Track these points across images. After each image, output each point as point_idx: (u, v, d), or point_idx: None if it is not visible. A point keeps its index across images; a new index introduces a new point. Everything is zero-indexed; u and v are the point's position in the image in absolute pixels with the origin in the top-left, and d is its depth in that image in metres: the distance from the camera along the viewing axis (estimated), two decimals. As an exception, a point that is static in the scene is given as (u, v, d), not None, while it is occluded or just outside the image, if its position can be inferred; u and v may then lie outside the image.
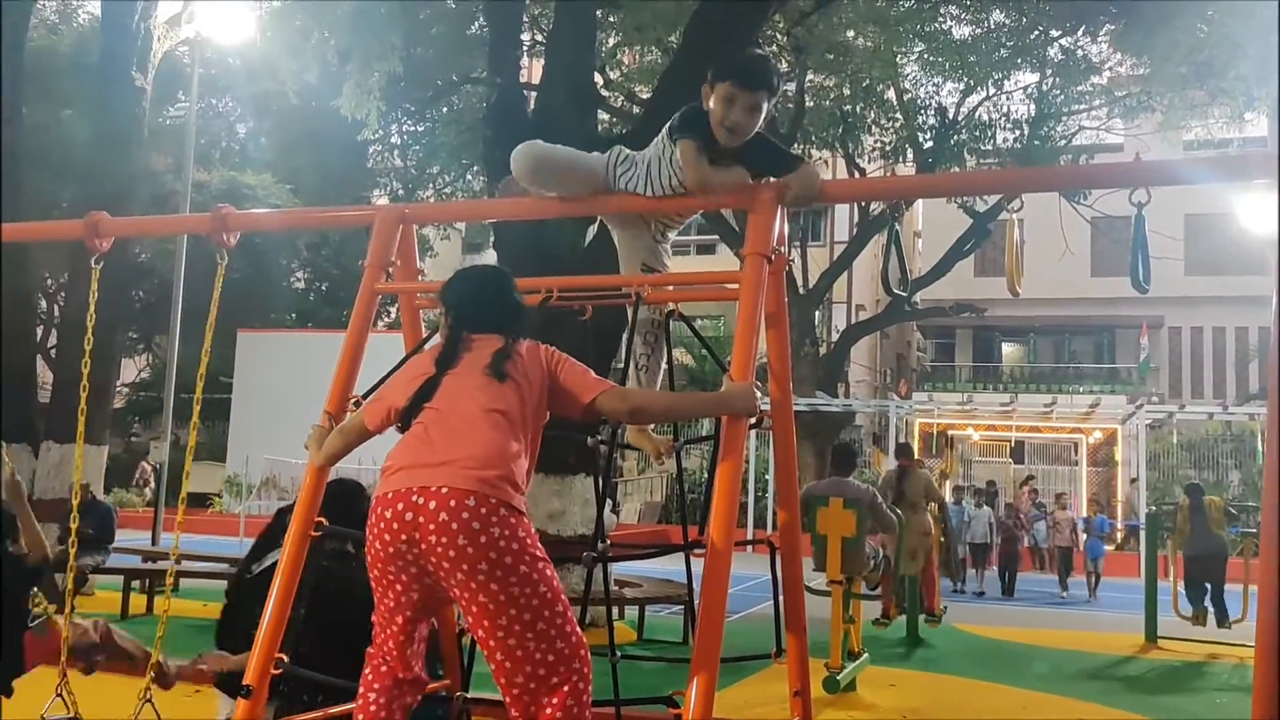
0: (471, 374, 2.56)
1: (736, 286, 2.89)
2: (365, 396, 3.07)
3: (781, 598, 3.16)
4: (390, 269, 3.23)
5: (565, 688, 2.35)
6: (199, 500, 26.09)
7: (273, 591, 2.82)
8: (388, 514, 2.38)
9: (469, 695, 3.47)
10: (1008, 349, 36.20)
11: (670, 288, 3.17)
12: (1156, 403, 24.94)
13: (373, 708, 2.48)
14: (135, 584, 10.75)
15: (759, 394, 2.68)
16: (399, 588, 2.45)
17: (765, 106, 2.95)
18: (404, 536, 2.36)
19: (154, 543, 14.49)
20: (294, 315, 32.21)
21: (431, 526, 2.32)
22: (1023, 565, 16.16)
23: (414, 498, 2.35)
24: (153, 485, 23.51)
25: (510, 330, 2.68)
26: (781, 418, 3.19)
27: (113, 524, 11.03)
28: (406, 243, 3.31)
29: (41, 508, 11.63)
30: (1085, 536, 16.04)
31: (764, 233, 2.84)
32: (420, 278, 3.45)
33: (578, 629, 2.44)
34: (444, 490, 2.34)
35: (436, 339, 2.83)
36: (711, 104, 2.95)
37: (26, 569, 4.36)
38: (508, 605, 2.32)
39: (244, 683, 2.71)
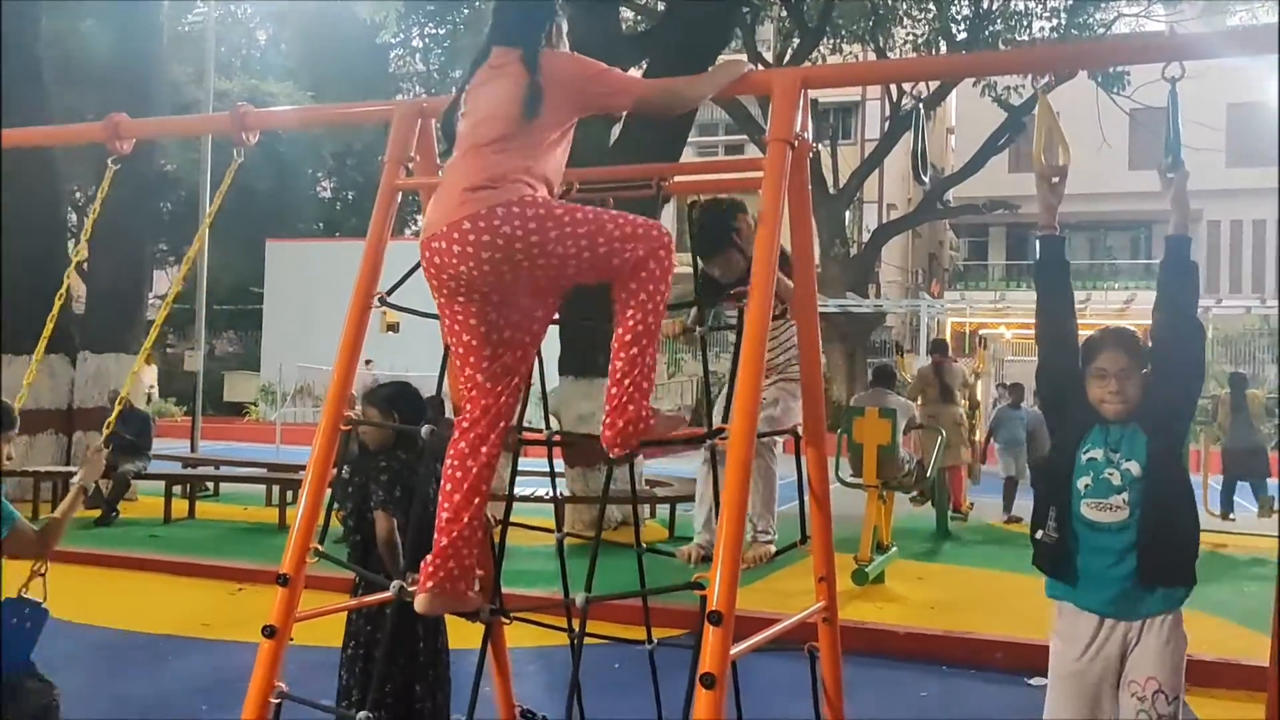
0: (479, 96, 2.73)
1: (760, 175, 2.83)
2: (389, 293, 3.08)
3: (806, 486, 3.18)
4: (410, 165, 3.20)
5: (644, 255, 2.59)
6: (235, 409, 26.56)
7: (305, 483, 2.87)
8: (425, 262, 2.64)
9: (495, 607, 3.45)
10: (1043, 246, 35.71)
11: (692, 177, 3.12)
12: (1193, 298, 24.50)
13: (456, 465, 2.73)
14: (176, 489, 11.00)
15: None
16: (469, 322, 2.67)
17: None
18: (445, 275, 2.61)
19: (193, 450, 14.77)
20: (321, 225, 32.27)
21: (454, 260, 2.56)
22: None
23: (434, 243, 2.60)
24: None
25: (524, 40, 2.73)
26: (805, 308, 3.16)
27: (151, 431, 11.24)
28: (426, 138, 3.26)
29: (81, 416, 11.98)
30: None
31: (786, 118, 2.77)
32: (440, 174, 3.41)
33: (638, 220, 2.63)
34: (445, 228, 2.57)
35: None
36: None
37: None
38: (565, 262, 2.56)
39: (281, 572, 2.77)
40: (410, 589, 2.82)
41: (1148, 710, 2.84)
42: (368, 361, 17.45)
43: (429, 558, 2.71)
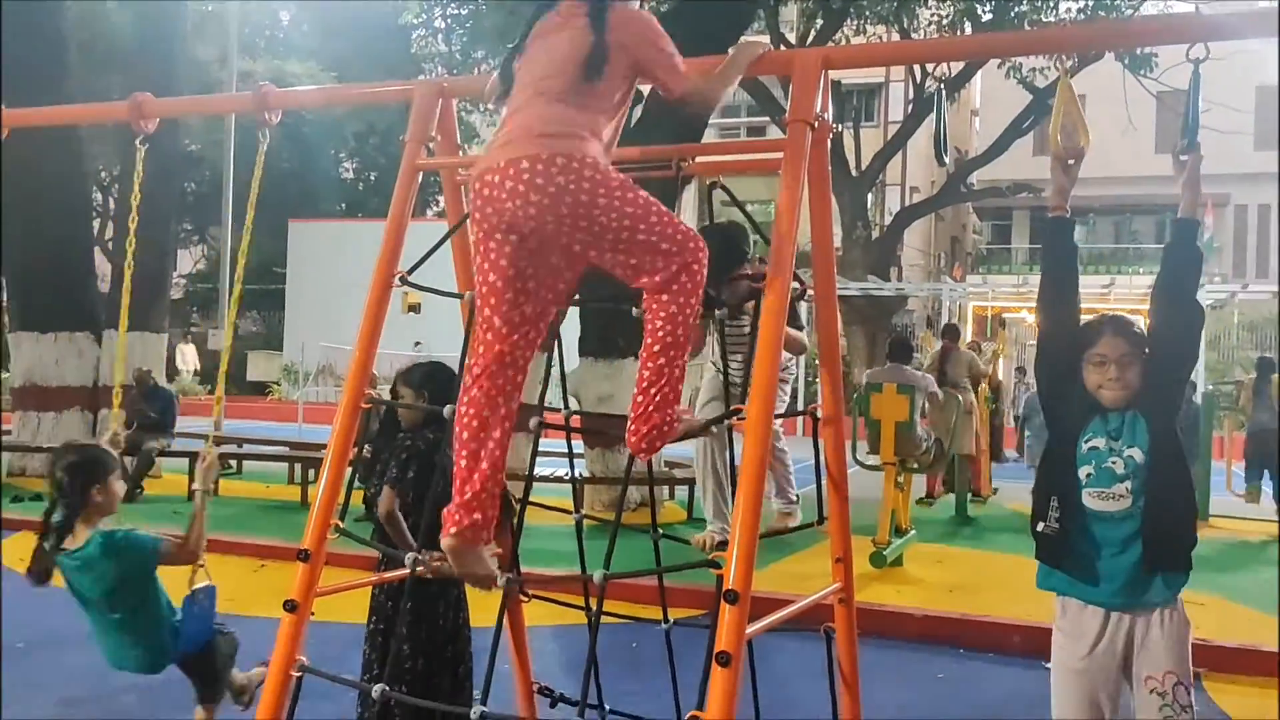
0: (544, 46, 2.73)
1: (779, 156, 2.84)
2: (410, 272, 3.10)
3: (824, 467, 3.19)
4: (431, 144, 3.21)
5: (678, 269, 2.59)
6: (259, 388, 26.74)
7: (326, 460, 2.91)
8: (473, 194, 2.64)
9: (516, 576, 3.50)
10: (1066, 231, 35.35)
11: (712, 158, 3.13)
12: (1219, 283, 24.28)
13: (472, 414, 2.71)
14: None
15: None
16: (499, 262, 2.65)
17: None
18: (490, 210, 2.60)
19: (216, 428, 14.90)
20: (344, 205, 32.35)
21: (504, 196, 2.56)
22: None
23: (488, 176, 2.60)
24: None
25: None
26: (824, 291, 3.16)
27: (175, 409, 11.36)
28: (447, 118, 3.28)
29: (106, 394, 12.09)
30: None
31: (807, 98, 2.77)
32: (461, 154, 3.43)
33: (680, 226, 2.63)
34: (503, 164, 2.57)
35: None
36: None
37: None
38: (603, 233, 2.56)
39: (302, 548, 2.81)
40: (425, 562, 2.85)
41: (1170, 705, 2.82)
42: (417, 344, 17.62)
43: (450, 506, 2.72)
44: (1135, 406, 2.90)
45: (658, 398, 2.61)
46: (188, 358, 25.46)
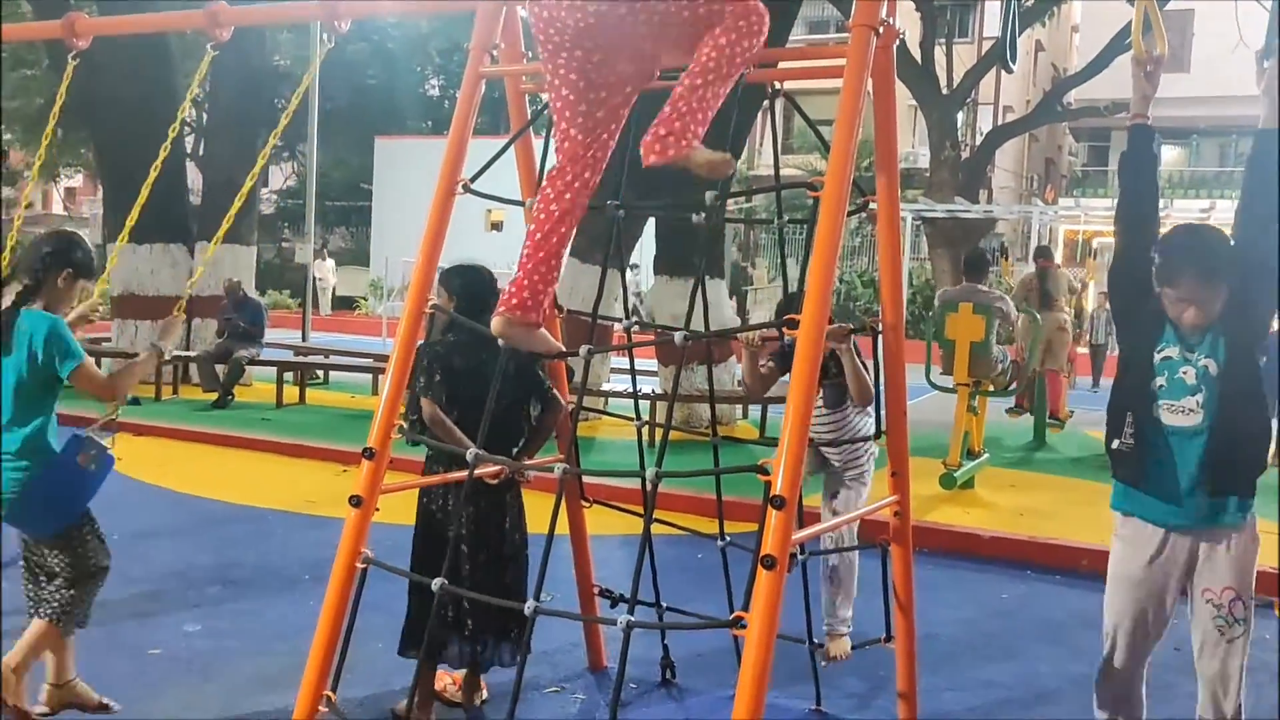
0: None
1: (843, 63, 2.79)
2: (473, 180, 3.14)
3: (884, 383, 3.19)
4: (495, 53, 3.23)
5: (738, 13, 2.61)
6: (347, 303, 27.30)
7: (390, 363, 3.00)
8: (534, 18, 2.70)
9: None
10: (1168, 153, 33.93)
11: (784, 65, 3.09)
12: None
13: (541, 208, 2.84)
14: (288, 376, 11.46)
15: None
16: (569, 76, 2.73)
17: None
18: (552, 30, 2.67)
19: (304, 339, 15.31)
20: (430, 123, 32.47)
21: (562, 13, 2.63)
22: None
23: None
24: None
25: None
26: (887, 202, 3.12)
27: (264, 319, 11.67)
28: (511, 26, 3.29)
29: (197, 303, 12.48)
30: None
31: (872, 2, 2.71)
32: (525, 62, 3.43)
33: None
34: None
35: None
36: None
37: None
38: (669, 13, 2.59)
39: (367, 446, 2.91)
40: (482, 460, 2.93)
41: (1224, 617, 2.82)
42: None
43: (509, 286, 2.88)
44: (1215, 329, 2.82)
45: (684, 110, 2.62)
46: (325, 273, 25.41)
